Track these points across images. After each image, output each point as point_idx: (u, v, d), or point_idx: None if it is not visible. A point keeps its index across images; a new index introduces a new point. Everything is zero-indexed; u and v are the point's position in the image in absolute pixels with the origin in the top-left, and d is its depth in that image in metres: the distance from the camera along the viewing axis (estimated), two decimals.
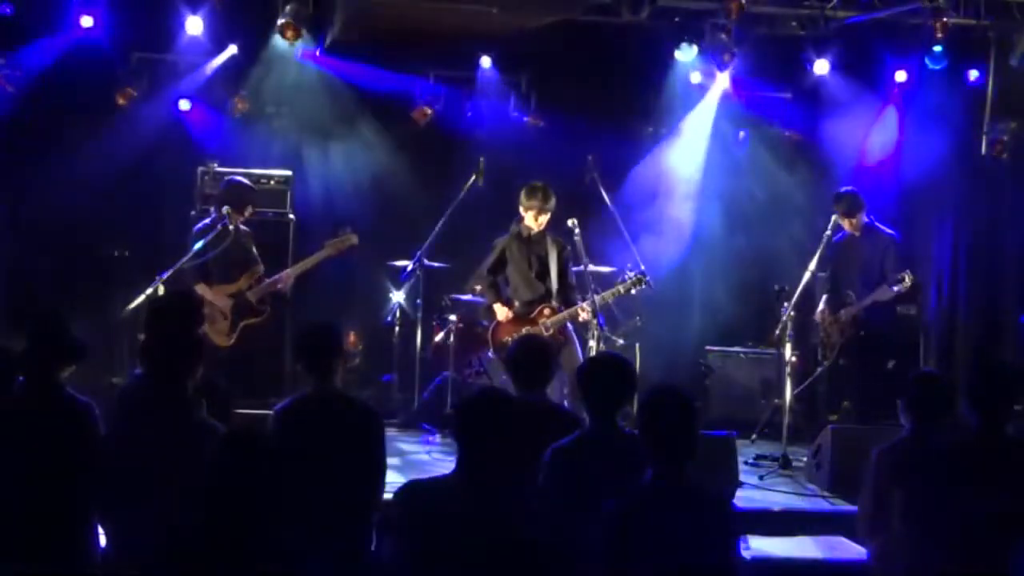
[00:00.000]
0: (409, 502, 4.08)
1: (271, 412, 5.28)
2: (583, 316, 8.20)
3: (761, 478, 7.87)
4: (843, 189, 9.05)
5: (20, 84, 9.51)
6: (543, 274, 8.47)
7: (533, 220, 8.33)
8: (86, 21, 9.24)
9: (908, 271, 8.52)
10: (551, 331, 8.27)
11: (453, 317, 9.39)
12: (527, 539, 3.09)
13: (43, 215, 9.69)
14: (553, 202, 8.29)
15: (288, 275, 8.39)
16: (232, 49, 9.93)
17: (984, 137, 10.54)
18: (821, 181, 10.59)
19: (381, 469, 5.23)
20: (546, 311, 8.38)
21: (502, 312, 8.40)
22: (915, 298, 9.09)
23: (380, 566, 4.28)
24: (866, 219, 8.91)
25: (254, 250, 8.38)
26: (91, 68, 9.50)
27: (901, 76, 10.41)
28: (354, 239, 8.50)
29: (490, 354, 8.47)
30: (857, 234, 8.93)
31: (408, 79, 10.48)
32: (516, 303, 8.48)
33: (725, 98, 10.71)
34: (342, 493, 4.98)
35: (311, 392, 5.19)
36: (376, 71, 10.30)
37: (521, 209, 8.39)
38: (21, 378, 5.02)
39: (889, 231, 8.98)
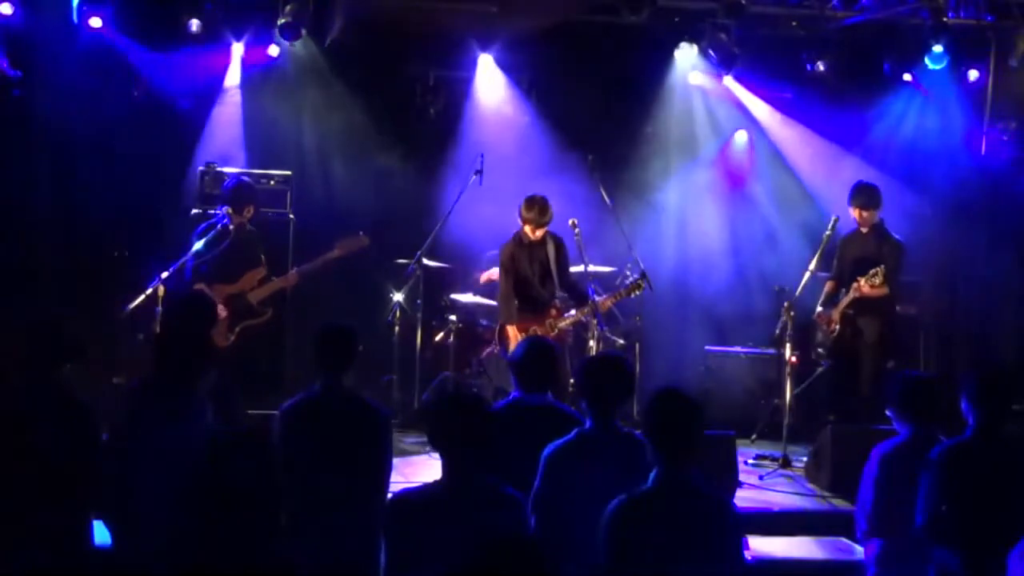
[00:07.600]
0: (397, 515, 4.11)
1: (276, 411, 5.31)
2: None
3: (761, 478, 7.87)
4: (865, 181, 8.91)
5: (23, 83, 9.50)
6: (545, 277, 8.47)
7: (531, 232, 8.33)
8: (95, 21, 9.20)
9: (861, 278, 8.47)
10: (557, 332, 8.29)
11: (453, 317, 9.40)
12: (515, 541, 3.08)
13: (43, 215, 9.69)
14: (550, 215, 8.26)
15: (294, 275, 8.41)
16: (238, 49, 9.94)
17: (984, 137, 10.53)
18: (821, 181, 10.57)
19: (387, 468, 5.28)
20: (553, 312, 8.40)
21: (515, 335, 8.32)
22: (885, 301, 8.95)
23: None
24: (879, 218, 8.85)
25: (260, 252, 8.37)
26: (92, 67, 9.48)
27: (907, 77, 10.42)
28: (366, 241, 8.52)
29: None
30: (865, 230, 8.86)
31: (408, 79, 10.47)
32: (518, 304, 8.49)
33: (726, 97, 10.72)
34: (348, 490, 5.01)
35: (319, 391, 5.23)
36: (376, 70, 10.29)
37: (520, 220, 8.38)
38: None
39: (898, 237, 8.86)
